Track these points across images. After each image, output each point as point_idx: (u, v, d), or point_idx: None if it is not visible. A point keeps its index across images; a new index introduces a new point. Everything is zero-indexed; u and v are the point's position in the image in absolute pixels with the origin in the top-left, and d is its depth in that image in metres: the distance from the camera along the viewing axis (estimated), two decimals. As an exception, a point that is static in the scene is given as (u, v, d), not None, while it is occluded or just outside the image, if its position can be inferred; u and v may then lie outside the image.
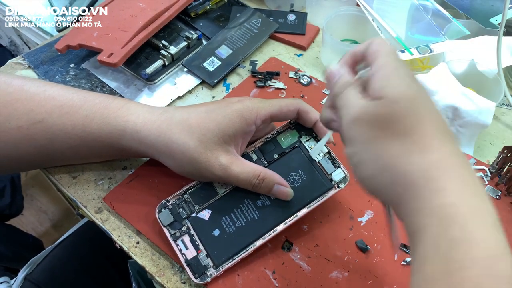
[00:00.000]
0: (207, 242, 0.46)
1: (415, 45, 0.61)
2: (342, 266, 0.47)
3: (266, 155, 0.49)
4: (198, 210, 0.47)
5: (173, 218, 0.47)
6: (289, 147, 0.50)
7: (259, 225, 0.46)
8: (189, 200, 0.48)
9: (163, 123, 0.45)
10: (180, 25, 0.74)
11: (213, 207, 0.48)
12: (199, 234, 0.46)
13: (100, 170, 0.56)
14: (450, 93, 0.55)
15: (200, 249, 0.46)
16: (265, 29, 0.73)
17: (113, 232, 0.51)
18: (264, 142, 0.50)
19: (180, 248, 0.46)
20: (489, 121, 0.54)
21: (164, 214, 0.47)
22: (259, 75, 0.66)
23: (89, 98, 0.47)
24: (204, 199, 0.48)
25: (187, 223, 0.47)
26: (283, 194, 0.46)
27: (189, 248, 0.46)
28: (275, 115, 0.47)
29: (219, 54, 0.69)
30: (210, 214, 0.47)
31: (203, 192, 0.48)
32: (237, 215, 0.47)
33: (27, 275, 0.66)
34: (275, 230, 0.46)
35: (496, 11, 0.68)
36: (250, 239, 0.46)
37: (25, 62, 0.69)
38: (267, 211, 0.47)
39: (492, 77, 0.59)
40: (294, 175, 0.48)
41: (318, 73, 0.69)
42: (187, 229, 0.47)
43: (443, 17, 0.67)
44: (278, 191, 0.46)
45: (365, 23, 0.68)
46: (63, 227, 1.41)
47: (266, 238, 0.46)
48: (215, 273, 0.45)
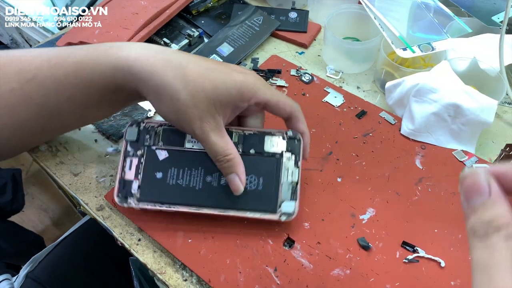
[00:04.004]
0: (146, 177, 0.47)
1: (417, 43, 0.61)
2: (344, 264, 0.47)
3: (245, 145, 0.48)
4: (159, 147, 0.48)
5: (136, 138, 0.49)
6: (269, 153, 0.48)
7: (194, 195, 0.47)
8: (159, 134, 0.49)
9: (158, 61, 0.42)
10: (182, 23, 0.74)
11: (172, 153, 0.48)
12: (146, 166, 0.48)
13: (102, 167, 0.56)
14: (452, 91, 0.54)
15: (138, 178, 0.47)
16: (267, 27, 0.73)
17: (114, 230, 0.51)
18: (253, 133, 0.49)
19: (125, 165, 0.48)
20: (491, 119, 0.54)
21: (132, 130, 0.49)
22: (261, 73, 0.66)
23: (76, 48, 0.45)
24: (170, 141, 0.48)
25: (144, 150, 0.48)
26: (234, 186, 0.45)
27: (132, 170, 0.48)
28: (270, 106, 0.46)
29: (220, 52, 0.69)
30: (165, 157, 0.48)
31: (173, 136, 0.48)
32: (184, 174, 0.47)
33: (28, 272, 0.66)
34: (201, 209, 0.47)
35: (498, 9, 0.68)
36: (179, 200, 0.47)
37: (26, 60, 0.69)
38: (209, 189, 0.47)
39: (494, 75, 0.59)
40: (254, 179, 0.47)
41: (319, 71, 0.68)
42: (140, 155, 0.48)
43: (445, 15, 0.66)
44: (232, 180, 0.45)
45: (367, 21, 0.68)
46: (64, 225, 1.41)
47: (190, 210, 0.46)
48: (133, 205, 0.47)
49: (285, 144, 0.48)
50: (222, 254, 0.47)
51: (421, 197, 0.52)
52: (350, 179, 0.54)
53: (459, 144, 0.57)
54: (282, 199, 0.47)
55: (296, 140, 0.48)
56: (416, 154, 0.56)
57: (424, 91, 0.55)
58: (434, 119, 0.56)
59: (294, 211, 0.46)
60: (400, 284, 0.45)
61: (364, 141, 0.58)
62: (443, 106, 0.55)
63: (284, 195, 0.47)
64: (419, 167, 0.55)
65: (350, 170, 0.55)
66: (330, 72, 0.68)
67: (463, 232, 0.49)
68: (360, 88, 0.66)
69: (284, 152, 0.48)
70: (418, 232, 0.49)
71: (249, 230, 0.49)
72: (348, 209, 0.51)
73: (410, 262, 0.46)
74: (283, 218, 0.46)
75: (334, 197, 0.52)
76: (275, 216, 0.46)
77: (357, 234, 0.49)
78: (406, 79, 0.58)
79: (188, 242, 0.48)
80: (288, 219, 0.46)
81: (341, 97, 0.63)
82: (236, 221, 0.49)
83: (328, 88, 0.64)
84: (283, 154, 0.48)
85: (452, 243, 0.48)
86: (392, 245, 0.48)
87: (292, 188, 0.47)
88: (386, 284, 0.45)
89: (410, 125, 0.57)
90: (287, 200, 0.47)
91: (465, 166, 0.55)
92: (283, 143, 0.48)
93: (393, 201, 0.52)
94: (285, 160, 0.48)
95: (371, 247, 0.48)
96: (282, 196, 0.47)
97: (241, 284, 0.45)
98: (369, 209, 0.51)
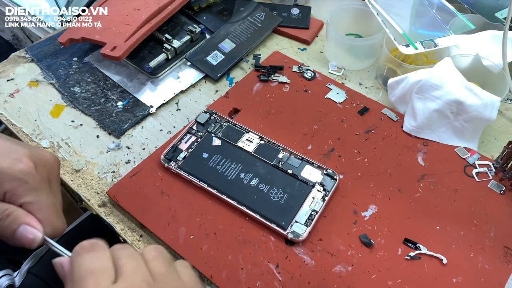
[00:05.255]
0: (195, 153, 0.55)
1: (420, 40, 0.61)
2: (346, 260, 0.47)
3: (285, 165, 0.53)
4: (217, 135, 0.56)
5: (204, 122, 0.57)
6: (304, 179, 0.52)
7: (223, 182, 0.52)
8: (222, 126, 0.57)
9: None
10: (183, 19, 0.74)
11: (224, 144, 0.55)
12: (199, 145, 0.55)
13: (104, 164, 0.56)
14: (455, 87, 0.54)
15: (188, 151, 0.55)
16: (269, 23, 0.72)
17: (116, 226, 0.51)
18: (298, 157, 0.54)
19: (184, 138, 0.56)
20: (494, 116, 0.54)
21: (204, 115, 0.58)
22: (263, 69, 0.66)
23: None
24: (227, 135, 0.56)
25: (204, 133, 0.56)
26: (25, 239, 0.35)
27: (186, 144, 0.56)
28: None
29: (222, 48, 0.69)
30: (217, 145, 0.55)
31: (232, 133, 0.56)
32: (225, 163, 0.53)
33: (30, 268, 0.66)
34: (222, 195, 0.50)
35: (502, 5, 0.68)
36: (209, 180, 0.52)
37: (28, 56, 0.69)
38: (238, 183, 0.52)
39: (497, 72, 0.58)
40: (280, 192, 0.51)
41: (322, 67, 0.68)
42: (200, 136, 0.56)
43: (448, 12, 0.66)
44: (21, 233, 0.35)
45: (369, 18, 0.68)
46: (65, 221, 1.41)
47: (213, 191, 0.51)
48: (172, 167, 0.53)
49: (321, 178, 0.52)
50: (224, 250, 0.47)
51: (423, 194, 0.52)
52: (352, 175, 0.54)
53: (461, 141, 0.57)
54: (296, 219, 0.48)
55: (332, 179, 0.52)
56: (418, 151, 0.56)
57: (426, 88, 0.55)
58: (437, 116, 0.56)
59: (303, 234, 0.47)
60: (402, 281, 0.45)
61: (366, 138, 0.57)
62: (445, 103, 0.55)
63: (300, 218, 0.49)
64: (421, 164, 0.55)
65: (352, 166, 0.54)
66: (332, 69, 0.68)
67: (465, 229, 0.49)
68: (362, 84, 0.66)
69: (318, 184, 0.51)
70: (420, 229, 0.49)
71: (251, 227, 0.49)
72: (350, 206, 0.51)
73: (412, 259, 0.46)
74: (290, 235, 0.47)
75: (336, 193, 0.52)
76: (284, 232, 0.48)
77: (359, 231, 0.49)
78: (408, 75, 0.57)
79: (190, 239, 0.48)
80: (295, 238, 0.47)
81: (343, 93, 0.63)
82: (240, 216, 0.49)
83: (330, 85, 0.64)
84: (315, 185, 0.51)
85: (454, 240, 0.48)
86: (394, 242, 0.48)
87: (311, 215, 0.49)
88: (388, 281, 0.45)
89: (413, 122, 0.57)
90: (301, 223, 0.48)
91: (467, 163, 0.55)
92: (319, 177, 0.52)
93: (395, 198, 0.51)
94: (315, 191, 0.51)
95: (373, 243, 0.48)
96: (298, 217, 0.49)
97: (243, 281, 0.45)
98: (371, 206, 0.51)
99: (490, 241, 0.48)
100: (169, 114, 0.62)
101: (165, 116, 0.62)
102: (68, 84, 0.65)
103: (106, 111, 0.62)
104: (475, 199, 0.51)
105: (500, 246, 0.47)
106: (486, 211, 0.50)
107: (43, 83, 0.66)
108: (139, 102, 0.63)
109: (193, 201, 0.51)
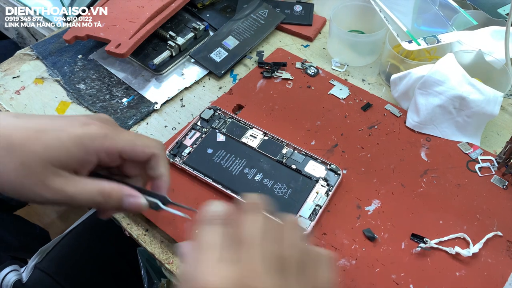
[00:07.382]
0: (199, 148, 0.56)
1: (422, 36, 0.61)
2: (350, 254, 0.47)
3: (289, 160, 0.54)
4: (221, 131, 0.57)
5: (208, 118, 0.58)
6: (307, 174, 0.52)
7: (228, 177, 0.52)
8: (227, 122, 0.58)
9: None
10: (187, 16, 0.75)
11: (228, 140, 0.56)
12: (204, 141, 0.56)
13: (109, 160, 0.57)
14: (458, 83, 0.55)
15: (193, 147, 0.56)
16: (272, 20, 0.73)
17: (122, 220, 0.51)
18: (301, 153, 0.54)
19: (188, 134, 0.57)
20: (497, 111, 0.55)
21: (209, 112, 0.59)
22: (266, 66, 0.66)
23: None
24: (231, 131, 0.57)
25: (209, 129, 0.57)
26: (135, 206, 0.39)
27: (191, 140, 0.56)
28: (126, 153, 0.39)
29: (226, 45, 0.69)
30: (222, 140, 0.56)
31: (236, 129, 0.57)
32: (229, 159, 0.54)
33: (37, 263, 0.66)
34: (227, 190, 0.51)
35: (504, 1, 0.68)
36: (214, 175, 0.53)
37: (33, 53, 0.70)
38: (242, 178, 0.52)
39: (499, 68, 0.59)
40: (284, 187, 0.52)
41: (325, 64, 0.69)
42: (205, 132, 0.57)
43: (450, 8, 0.66)
44: (129, 204, 0.39)
45: (372, 14, 0.68)
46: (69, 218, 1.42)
47: (218, 186, 0.51)
48: (177, 162, 0.54)
49: (325, 173, 0.53)
50: (229, 244, 0.48)
51: (426, 189, 0.52)
52: (355, 171, 0.54)
53: (464, 137, 0.57)
54: (300, 214, 0.49)
55: (335, 174, 0.52)
56: (421, 146, 0.56)
57: (429, 84, 0.55)
58: (440, 112, 0.56)
59: (307, 228, 0.48)
60: (406, 275, 0.45)
61: (370, 134, 0.58)
62: (448, 99, 0.55)
63: (304, 212, 0.49)
64: (424, 159, 0.55)
65: (356, 162, 0.55)
66: (335, 65, 0.68)
67: (468, 223, 0.49)
68: (365, 80, 0.66)
69: (321, 179, 0.52)
70: (423, 224, 0.49)
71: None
72: (354, 201, 0.51)
73: (423, 250, 0.47)
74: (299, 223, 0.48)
75: (339, 188, 0.52)
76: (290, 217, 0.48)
77: (363, 225, 0.49)
78: (411, 71, 0.58)
79: (195, 233, 0.48)
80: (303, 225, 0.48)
81: (347, 89, 0.63)
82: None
83: (334, 81, 0.64)
84: (319, 180, 0.52)
85: (457, 234, 0.48)
86: (397, 236, 0.48)
87: (315, 210, 0.49)
88: (392, 275, 0.45)
89: (416, 118, 0.58)
90: (305, 217, 0.49)
91: (470, 158, 0.55)
92: (323, 172, 0.53)
93: (399, 193, 0.52)
94: (318, 186, 0.52)
95: (377, 238, 0.48)
96: (302, 212, 0.49)
97: (248, 274, 0.45)
98: (374, 200, 0.51)
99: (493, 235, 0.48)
100: (173, 111, 0.63)
101: (169, 113, 0.63)
102: (73, 81, 0.66)
103: (111, 107, 0.63)
104: (478, 194, 0.52)
105: (503, 240, 0.48)
106: (489, 206, 0.51)
107: (48, 80, 0.66)
108: (143, 99, 0.64)
109: (198, 195, 0.52)
